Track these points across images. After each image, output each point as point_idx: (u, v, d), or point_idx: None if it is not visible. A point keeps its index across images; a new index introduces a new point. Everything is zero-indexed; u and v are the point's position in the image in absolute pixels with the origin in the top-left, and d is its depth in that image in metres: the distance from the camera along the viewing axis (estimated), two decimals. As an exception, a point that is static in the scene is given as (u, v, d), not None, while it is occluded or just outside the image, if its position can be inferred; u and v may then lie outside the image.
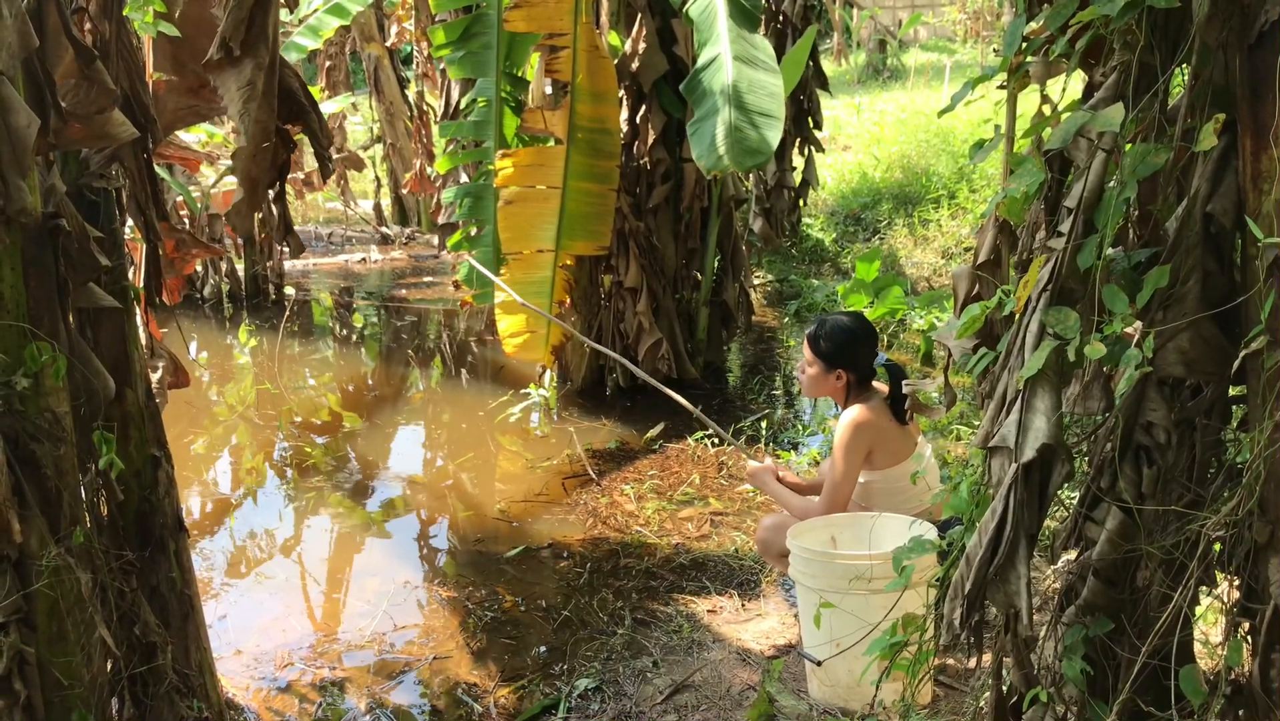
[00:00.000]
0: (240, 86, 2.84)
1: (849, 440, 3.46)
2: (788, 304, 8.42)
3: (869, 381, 3.61)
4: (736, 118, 4.95)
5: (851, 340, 3.58)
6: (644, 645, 3.69)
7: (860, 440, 3.46)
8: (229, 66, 2.83)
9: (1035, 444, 1.65)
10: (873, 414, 3.50)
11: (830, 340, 3.59)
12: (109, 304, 2.69)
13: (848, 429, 3.47)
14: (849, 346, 3.57)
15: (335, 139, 11.47)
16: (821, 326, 3.65)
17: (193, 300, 9.42)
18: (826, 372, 3.61)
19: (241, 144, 2.93)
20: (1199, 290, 1.76)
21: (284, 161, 3.10)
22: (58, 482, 2.43)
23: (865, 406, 3.51)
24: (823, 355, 3.61)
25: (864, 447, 3.48)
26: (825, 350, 3.60)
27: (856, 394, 3.59)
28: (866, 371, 3.59)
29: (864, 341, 3.59)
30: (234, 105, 2.85)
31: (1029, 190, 1.73)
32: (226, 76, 2.85)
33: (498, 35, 5.68)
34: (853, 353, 3.57)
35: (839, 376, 3.59)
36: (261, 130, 2.88)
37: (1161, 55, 1.66)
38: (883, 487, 3.52)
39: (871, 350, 3.60)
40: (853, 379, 3.59)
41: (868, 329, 3.65)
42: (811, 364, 3.66)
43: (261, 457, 5.97)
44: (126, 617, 2.70)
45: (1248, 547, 1.78)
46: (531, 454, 5.68)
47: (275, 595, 4.27)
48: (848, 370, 3.58)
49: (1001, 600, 1.67)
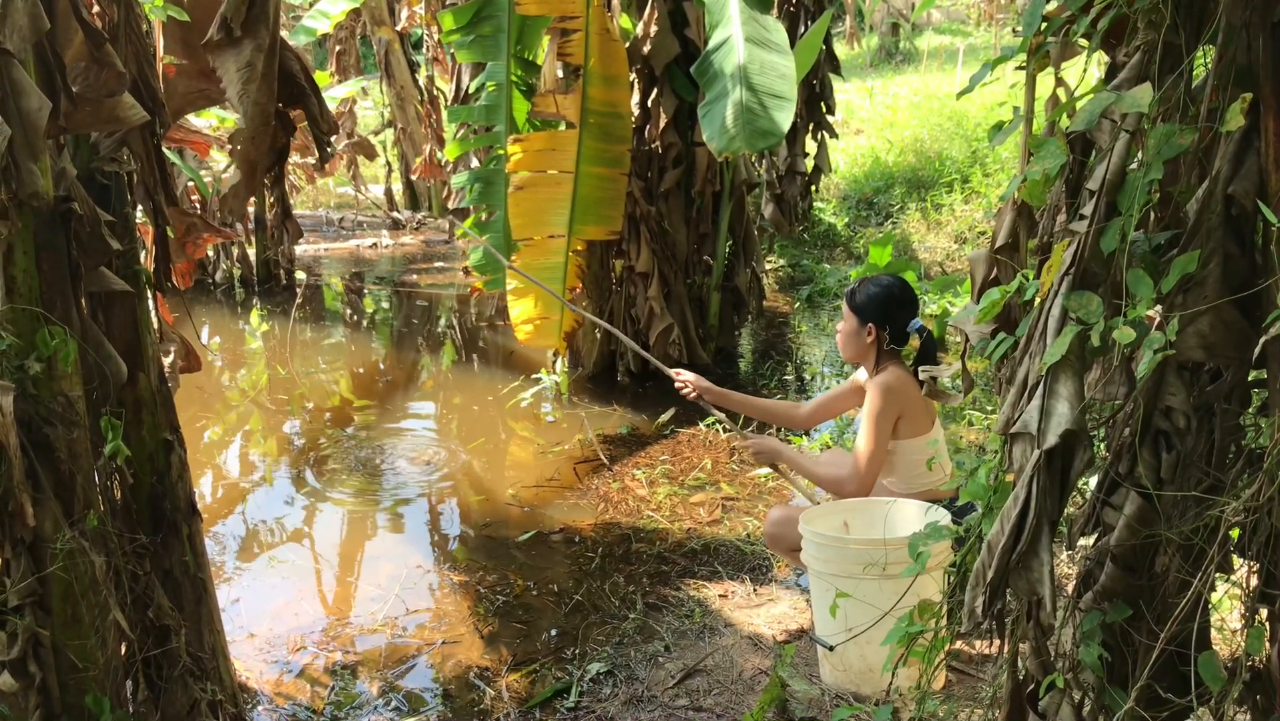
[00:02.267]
0: (240, 68, 2.82)
1: (882, 404, 3.40)
2: (800, 289, 8.39)
3: (900, 345, 3.53)
4: (748, 99, 4.93)
5: (886, 297, 3.53)
6: (655, 629, 3.69)
7: (893, 405, 3.41)
8: (229, 47, 2.81)
9: (1058, 430, 1.63)
10: (900, 380, 3.44)
11: (865, 294, 3.54)
12: (121, 288, 2.68)
13: (881, 392, 3.41)
14: (883, 302, 3.51)
15: (346, 124, 11.46)
16: (861, 282, 3.61)
17: (204, 285, 9.44)
18: (860, 328, 3.54)
19: (241, 126, 2.91)
20: (1220, 273, 1.74)
21: (283, 145, 3.09)
22: (71, 466, 2.44)
23: (895, 374, 3.45)
24: (856, 308, 3.55)
25: (895, 413, 3.42)
26: (859, 303, 3.55)
27: (885, 358, 3.52)
28: (899, 332, 3.51)
29: (900, 301, 3.53)
30: (233, 87, 2.84)
31: (1050, 172, 1.71)
32: (226, 58, 2.83)
33: (509, 19, 5.65)
34: (886, 310, 3.50)
35: (869, 332, 3.52)
36: (260, 113, 2.86)
37: (1186, 35, 1.64)
38: (904, 459, 3.48)
39: (908, 314, 3.53)
40: (884, 337, 3.51)
41: (907, 292, 3.58)
42: (846, 319, 3.60)
43: (273, 442, 5.98)
44: (140, 601, 2.71)
45: (1267, 533, 1.76)
46: (543, 439, 5.68)
47: (288, 579, 4.28)
48: (879, 326, 3.51)
49: (1024, 587, 1.65)
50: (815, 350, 7.07)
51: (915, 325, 3.52)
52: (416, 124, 11.66)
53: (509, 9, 5.61)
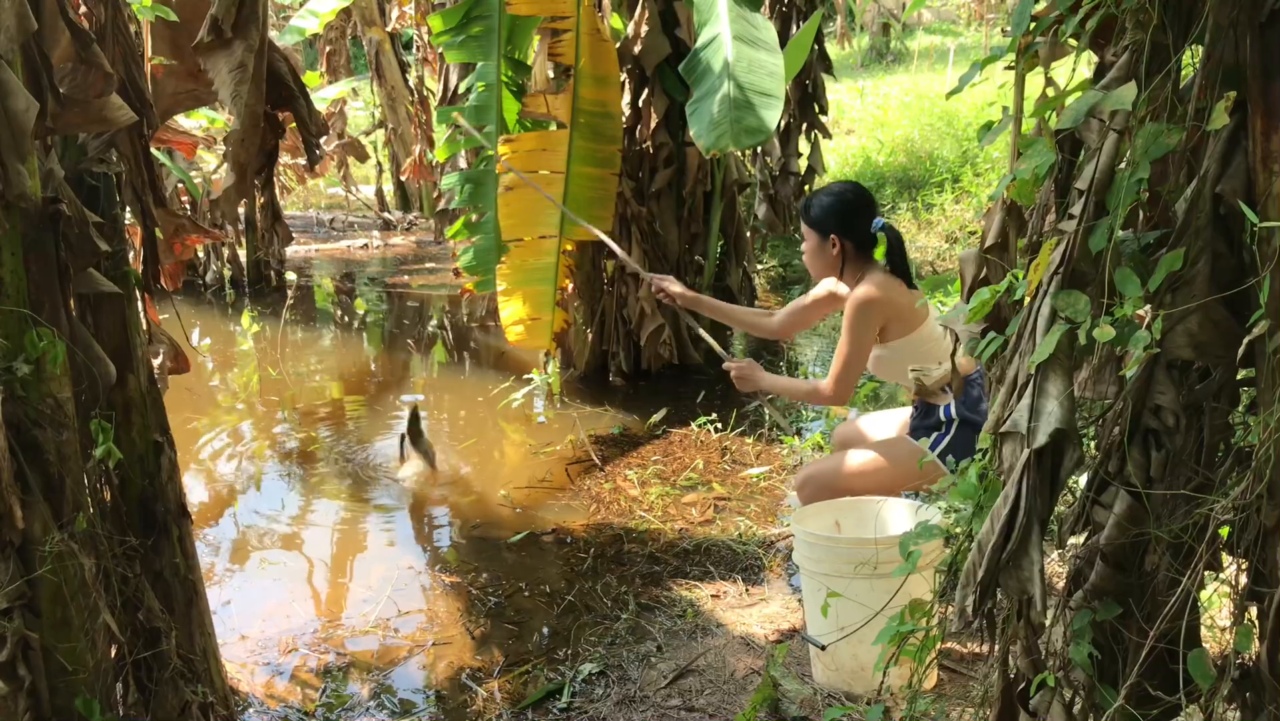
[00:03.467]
0: (231, 69, 2.82)
1: (858, 319, 3.33)
2: (791, 289, 8.40)
3: (868, 251, 3.43)
4: (735, 97, 4.93)
5: (842, 205, 3.43)
6: (648, 630, 3.69)
7: (870, 318, 3.33)
8: (220, 49, 2.80)
9: (1048, 429, 1.63)
10: (881, 289, 3.36)
11: (819, 207, 3.45)
12: (109, 289, 2.67)
13: (857, 307, 3.34)
14: (839, 211, 3.43)
15: (336, 124, 11.44)
16: (813, 196, 3.52)
17: (194, 286, 9.41)
18: (822, 243, 3.46)
19: (234, 128, 2.91)
20: (1208, 272, 1.74)
21: (272, 147, 3.08)
22: (60, 468, 2.43)
23: (873, 282, 3.36)
24: (814, 223, 3.46)
25: (875, 325, 3.35)
26: (815, 217, 3.45)
27: (855, 265, 3.44)
28: (863, 238, 3.42)
29: (857, 206, 3.44)
30: (225, 88, 2.83)
31: (1039, 172, 1.71)
32: (217, 59, 2.82)
33: (499, 19, 5.64)
34: (844, 218, 3.42)
35: (833, 245, 3.44)
36: (251, 115, 2.85)
37: (1174, 34, 1.64)
38: (896, 361, 3.42)
39: (866, 216, 3.43)
40: (849, 247, 3.43)
41: (861, 194, 3.50)
42: (807, 236, 3.50)
43: (264, 443, 5.97)
44: (130, 603, 2.70)
45: (1256, 531, 1.77)
46: (534, 440, 5.68)
47: (279, 581, 4.27)
48: (842, 237, 3.42)
49: (1014, 586, 1.65)
50: (807, 350, 7.07)
51: (878, 224, 3.42)
52: (407, 124, 11.64)
53: (499, 9, 5.60)
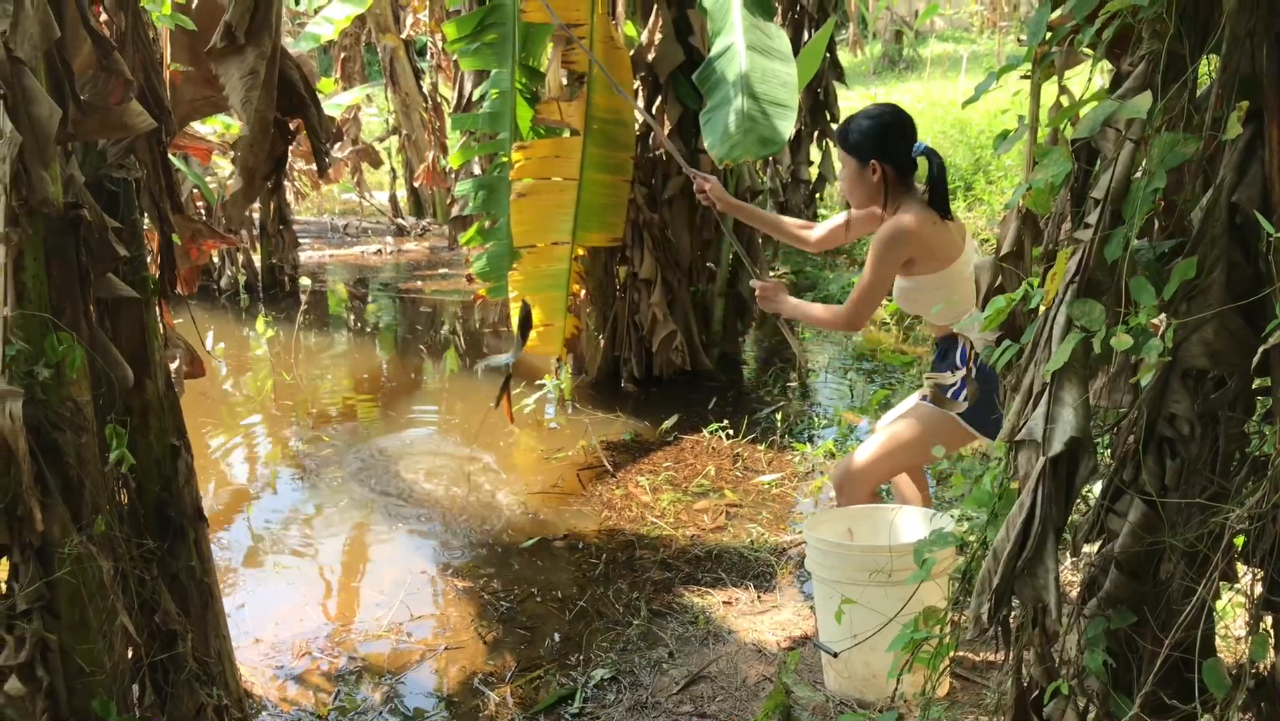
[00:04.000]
0: (243, 75, 2.84)
1: (885, 251, 3.23)
2: (803, 296, 8.39)
3: (909, 176, 3.32)
4: (749, 107, 4.94)
5: (881, 127, 3.29)
6: (660, 636, 3.70)
7: (897, 251, 3.24)
8: (232, 55, 2.83)
9: (1063, 437, 1.64)
10: (916, 222, 3.24)
11: (857, 131, 3.31)
12: (128, 294, 2.70)
13: (886, 239, 3.24)
14: (880, 134, 3.28)
15: (351, 130, 11.48)
16: (850, 120, 3.36)
17: (209, 291, 9.45)
18: (861, 169, 3.31)
19: (244, 134, 2.93)
20: (1224, 281, 1.75)
21: (281, 153, 3.10)
22: (79, 471, 2.45)
23: (908, 214, 3.25)
24: (852, 148, 3.31)
25: (901, 259, 3.26)
26: (853, 143, 3.30)
27: (897, 192, 3.31)
28: (905, 162, 3.29)
29: (897, 129, 3.30)
30: (236, 94, 2.85)
31: (1055, 181, 1.71)
32: (229, 65, 2.85)
33: (513, 26, 5.66)
34: (885, 141, 3.27)
35: (874, 171, 3.30)
36: (261, 120, 2.88)
37: (1190, 44, 1.65)
38: (921, 296, 3.35)
39: (907, 139, 3.30)
40: (889, 172, 3.29)
41: (901, 116, 3.35)
42: (845, 163, 3.36)
43: (278, 448, 5.99)
44: (147, 605, 2.72)
45: (1271, 541, 1.76)
46: (546, 445, 5.69)
47: (293, 585, 4.29)
48: (882, 162, 3.28)
49: (1030, 594, 1.66)
50: (819, 357, 7.07)
51: (919, 148, 3.29)
52: (421, 131, 11.68)
53: (514, 16, 5.62)
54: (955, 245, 3.30)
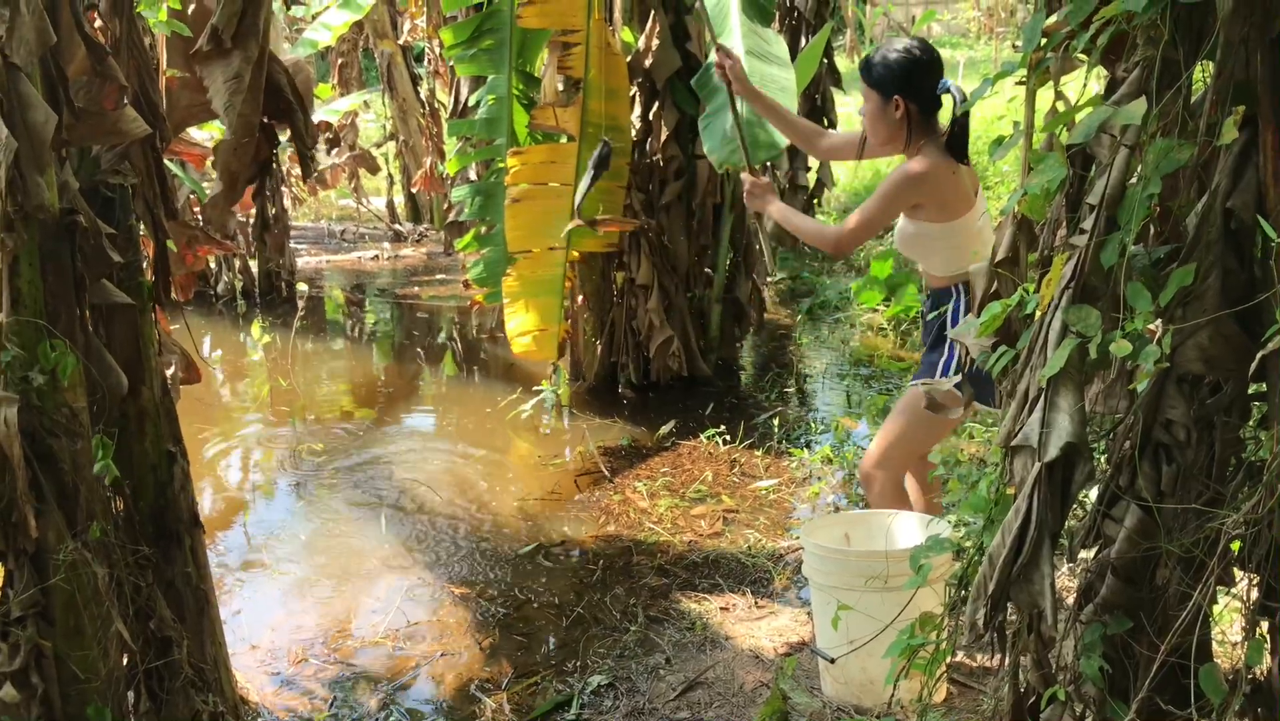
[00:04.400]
0: (227, 79, 2.85)
1: (895, 191, 3.16)
2: (800, 301, 8.40)
3: (933, 115, 3.23)
4: (748, 113, 4.95)
5: (909, 62, 3.17)
6: (656, 642, 3.69)
7: (908, 195, 3.16)
8: (217, 58, 2.83)
9: (1059, 443, 1.64)
10: (932, 169, 3.15)
11: (882, 64, 3.19)
12: (122, 300, 2.70)
13: (899, 180, 3.15)
14: (906, 68, 3.17)
15: (348, 136, 11.47)
16: (875, 53, 3.26)
17: (206, 297, 9.44)
18: (884, 104, 3.21)
19: (225, 137, 2.93)
20: (1219, 287, 1.75)
21: (266, 158, 3.11)
22: (74, 477, 2.45)
23: (925, 158, 3.17)
24: (875, 82, 3.20)
25: (909, 202, 3.19)
26: (878, 76, 3.19)
27: (919, 131, 3.20)
28: (929, 100, 3.18)
29: (923, 65, 3.18)
30: (219, 98, 2.86)
31: (1050, 186, 1.72)
32: (214, 68, 2.85)
33: (510, 32, 5.67)
34: (910, 76, 3.16)
35: (897, 106, 3.18)
36: (245, 124, 2.88)
37: (1185, 51, 1.65)
38: (924, 244, 3.29)
39: (933, 76, 3.20)
40: (914, 109, 3.18)
41: (929, 51, 3.22)
42: (867, 98, 3.24)
43: (274, 454, 5.98)
44: (142, 612, 2.71)
45: (1267, 546, 1.77)
46: (543, 451, 5.68)
47: (289, 591, 4.28)
48: (907, 99, 3.17)
49: (1025, 600, 1.66)
50: (816, 362, 7.07)
51: (944, 85, 3.19)
52: (418, 137, 11.68)
53: (510, 22, 5.63)
54: (966, 198, 3.23)
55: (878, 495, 3.48)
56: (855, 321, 7.78)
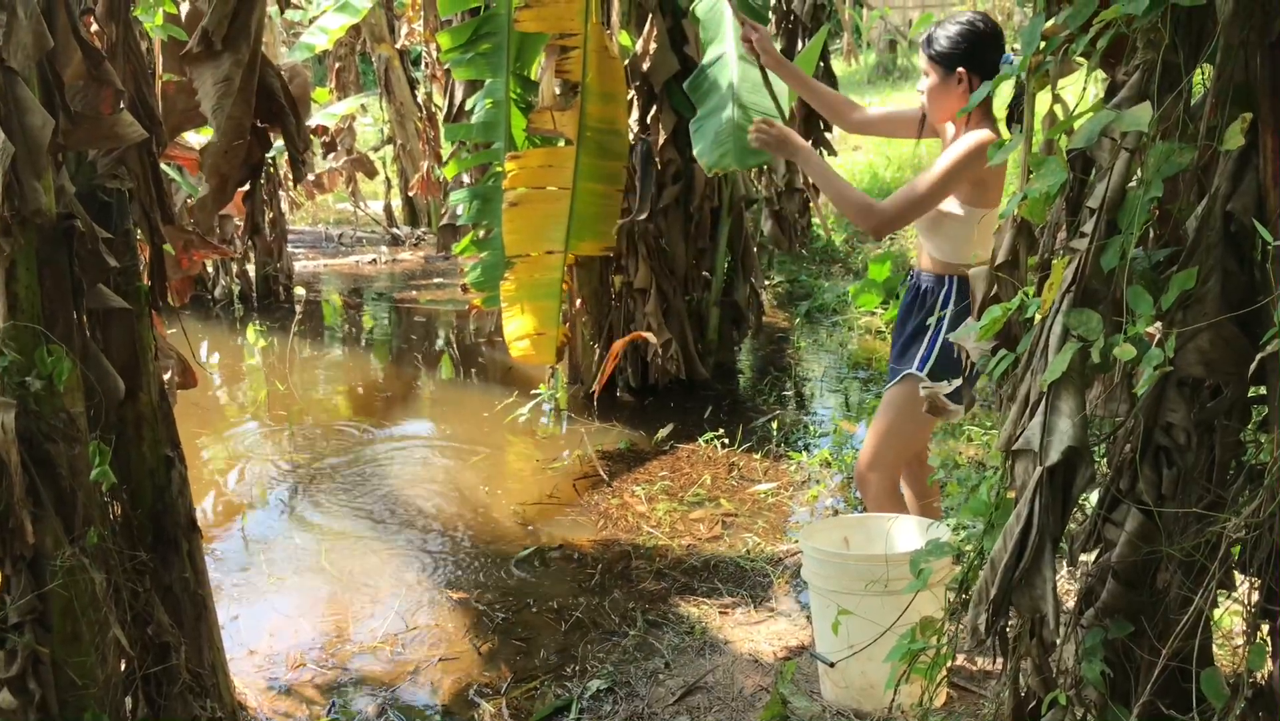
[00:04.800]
0: (217, 81, 2.84)
1: (963, 161, 3.07)
2: (798, 304, 8.40)
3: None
4: (739, 117, 4.96)
5: (974, 34, 3.13)
6: (655, 646, 3.69)
7: (975, 163, 3.07)
8: (207, 60, 2.82)
9: (1060, 447, 1.64)
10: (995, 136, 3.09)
11: (946, 37, 3.16)
12: (119, 305, 2.69)
13: (969, 150, 3.06)
14: (972, 41, 3.13)
15: (346, 140, 11.45)
16: (936, 27, 3.23)
17: (203, 301, 9.43)
18: (946, 77, 3.17)
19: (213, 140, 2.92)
20: (1219, 290, 1.75)
21: (257, 161, 3.09)
22: (72, 483, 2.44)
23: (989, 131, 3.12)
24: (940, 56, 3.16)
25: (973, 173, 3.12)
26: (943, 49, 3.16)
27: (978, 111, 3.15)
28: (992, 74, 3.08)
29: (987, 37, 3.15)
30: (208, 100, 2.84)
31: (1050, 190, 1.72)
32: (203, 70, 2.84)
33: (508, 36, 5.67)
34: (976, 49, 3.12)
35: (960, 80, 3.15)
36: (235, 127, 2.87)
37: (1184, 54, 1.65)
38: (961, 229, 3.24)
39: (997, 49, 3.16)
40: (977, 82, 3.12)
41: (991, 24, 3.19)
42: (929, 72, 3.22)
43: (272, 458, 5.97)
44: (140, 617, 2.71)
45: (1269, 550, 1.76)
46: (541, 455, 5.68)
47: (286, 596, 4.27)
48: (971, 71, 3.13)
49: (1027, 604, 1.65)
50: (814, 366, 7.07)
51: (1007, 58, 3.13)
52: (416, 140, 11.68)
53: (508, 26, 5.63)
54: (1000, 187, 3.20)
55: (873, 497, 3.48)
56: (853, 324, 7.78)
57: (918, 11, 18.48)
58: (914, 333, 3.38)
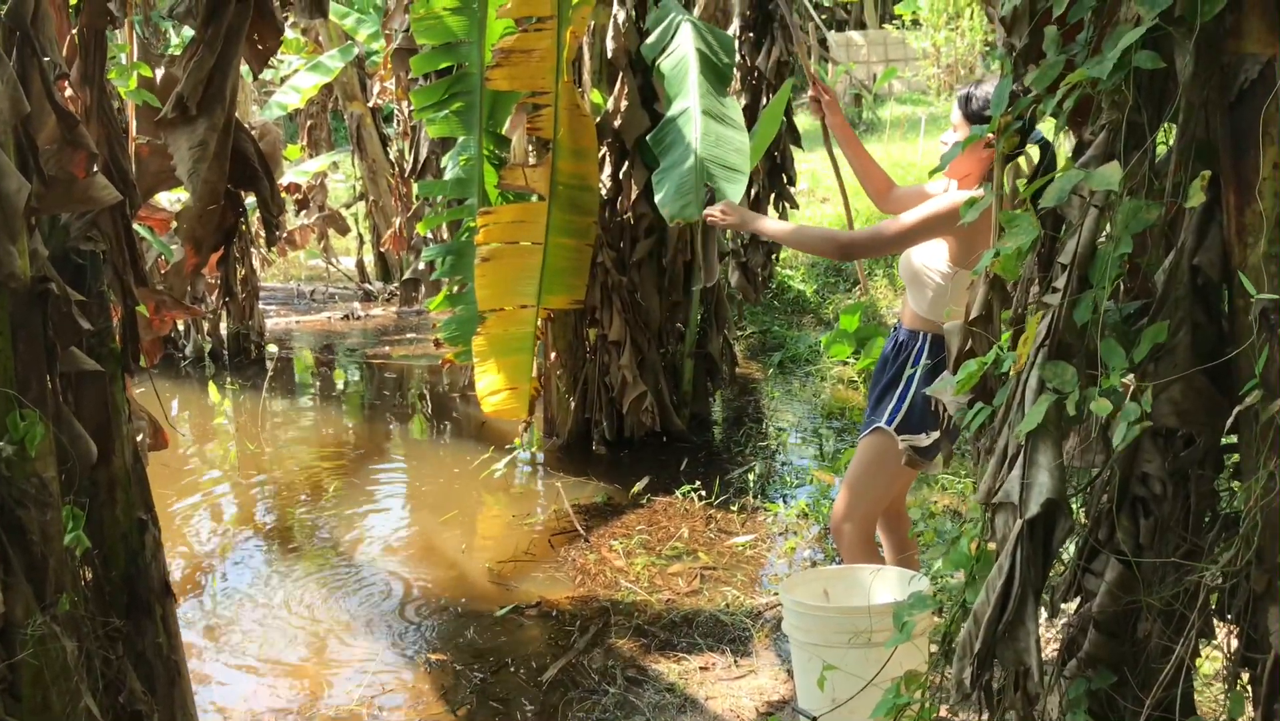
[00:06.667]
0: (191, 146, 2.84)
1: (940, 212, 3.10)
2: (771, 355, 8.45)
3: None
4: (702, 170, 5.04)
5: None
6: (636, 704, 3.65)
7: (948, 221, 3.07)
8: (181, 125, 2.83)
9: (1039, 499, 1.65)
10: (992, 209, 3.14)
11: (983, 100, 3.19)
12: (92, 368, 2.66)
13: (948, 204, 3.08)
14: None
15: (317, 197, 11.47)
16: (976, 87, 3.27)
17: (173, 359, 9.35)
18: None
19: (189, 204, 2.93)
20: (1189, 341, 1.78)
21: (231, 225, 3.09)
22: (44, 549, 2.39)
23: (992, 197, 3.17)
24: (973, 116, 3.19)
25: (945, 231, 3.15)
26: (977, 110, 3.19)
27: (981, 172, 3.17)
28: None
29: None
30: (183, 165, 2.85)
31: (1023, 247, 1.75)
32: (178, 135, 2.85)
33: (480, 94, 5.73)
34: None
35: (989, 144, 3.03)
36: (210, 191, 2.87)
37: (1148, 114, 1.70)
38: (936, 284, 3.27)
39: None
40: None
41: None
42: (959, 129, 3.26)
43: (244, 518, 5.91)
44: (112, 685, 2.65)
45: (1246, 597, 1.78)
46: (517, 510, 5.65)
47: (260, 658, 4.20)
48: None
49: (1011, 657, 1.66)
50: (788, 416, 7.10)
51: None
52: (388, 196, 11.72)
53: (480, 85, 5.69)
54: None
55: (847, 548, 3.49)
56: (825, 374, 7.82)
57: (881, 66, 18.85)
58: (887, 385, 3.43)
